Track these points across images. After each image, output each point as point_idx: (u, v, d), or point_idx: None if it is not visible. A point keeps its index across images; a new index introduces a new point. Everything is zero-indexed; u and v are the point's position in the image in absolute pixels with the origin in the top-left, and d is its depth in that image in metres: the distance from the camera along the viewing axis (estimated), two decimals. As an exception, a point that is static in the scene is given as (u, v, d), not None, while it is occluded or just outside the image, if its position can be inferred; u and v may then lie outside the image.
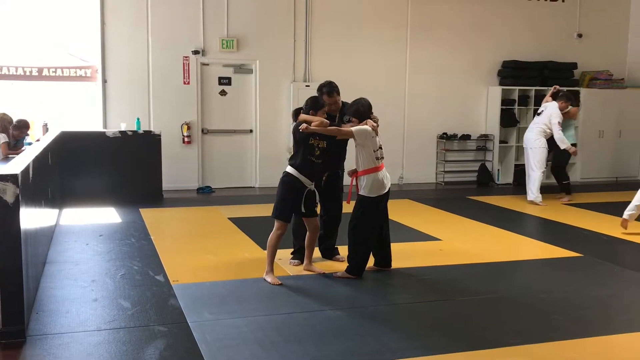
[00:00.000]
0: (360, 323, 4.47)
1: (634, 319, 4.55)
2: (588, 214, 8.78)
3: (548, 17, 12.07)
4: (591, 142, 11.75)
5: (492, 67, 11.85)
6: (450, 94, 11.67)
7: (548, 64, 11.82)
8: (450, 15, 11.46)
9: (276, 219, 5.41)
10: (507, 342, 4.10)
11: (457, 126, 11.73)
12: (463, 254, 6.46)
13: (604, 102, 11.99)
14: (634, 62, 12.65)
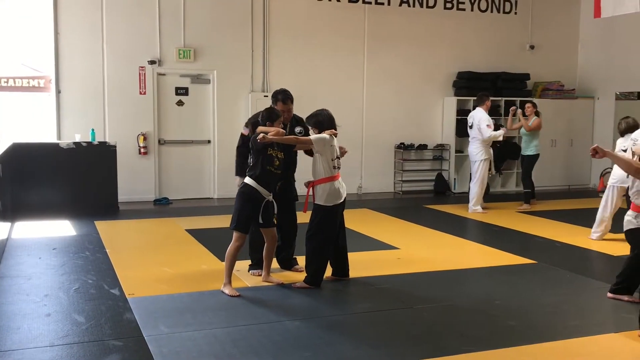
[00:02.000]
0: (319, 333, 4.47)
1: (586, 324, 4.65)
2: (542, 222, 8.97)
3: (501, 29, 12.35)
4: (544, 151, 11.96)
5: (448, 78, 12.05)
6: (407, 104, 11.82)
7: (501, 75, 12.08)
8: (407, 26, 11.63)
9: (234, 230, 5.38)
10: (463, 349, 4.15)
11: (414, 136, 11.87)
12: (421, 262, 6.52)
13: (555, 112, 12.30)
14: (584, 73, 13.03)
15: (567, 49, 13.02)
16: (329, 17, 11.14)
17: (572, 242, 7.56)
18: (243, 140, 5.90)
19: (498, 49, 12.32)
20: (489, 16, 12.26)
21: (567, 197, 11.48)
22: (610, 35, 12.23)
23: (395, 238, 7.66)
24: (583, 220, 8.08)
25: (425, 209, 10.08)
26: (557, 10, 12.80)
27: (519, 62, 12.43)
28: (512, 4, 12.43)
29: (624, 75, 11.97)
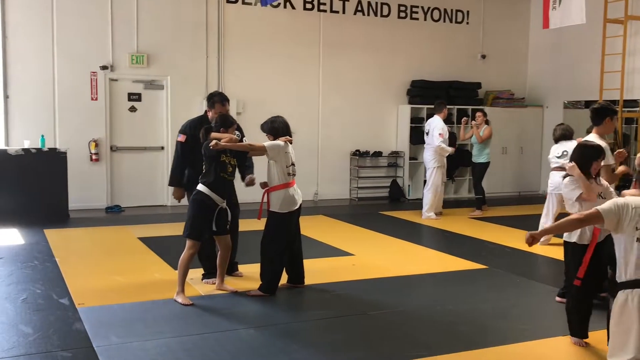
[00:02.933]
0: (273, 341, 4.46)
1: (535, 328, 4.76)
2: (493, 227, 9.15)
3: (454, 38, 12.58)
4: (495, 158, 12.21)
5: (402, 86, 12.20)
6: (363, 112, 11.92)
7: (454, 84, 12.30)
8: (361, 34, 11.74)
9: (187, 238, 5.33)
10: (415, 354, 4.20)
11: (369, 143, 11.97)
12: (375, 269, 6.58)
13: (506, 120, 12.58)
14: (533, 82, 13.37)
15: (517, 59, 13.35)
16: (284, 24, 11.16)
17: (521, 247, 7.71)
18: (182, 148, 5.83)
19: (451, 58, 12.54)
20: (442, 26, 12.48)
21: (518, 203, 11.75)
22: (558, 46, 12.58)
23: (350, 244, 7.70)
24: (532, 225, 8.19)
25: (380, 216, 10.17)
26: (508, 21, 13.12)
27: (470, 71, 12.68)
28: (464, 14, 12.68)
29: (572, 85, 12.33)
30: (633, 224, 3.68)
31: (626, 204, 3.71)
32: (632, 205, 3.69)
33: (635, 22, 10.97)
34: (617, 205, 3.67)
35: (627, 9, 10.75)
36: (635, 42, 11.05)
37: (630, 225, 3.67)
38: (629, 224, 3.67)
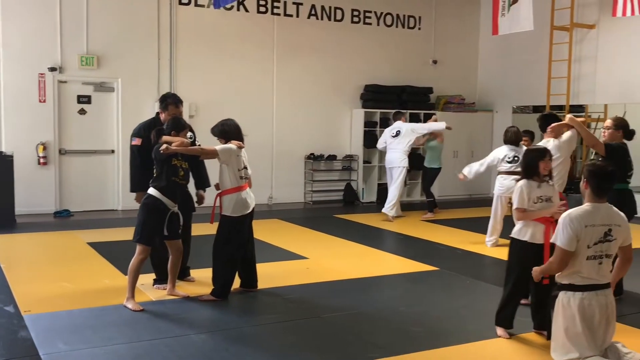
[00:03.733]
0: (226, 346, 4.42)
1: (484, 328, 4.84)
2: (444, 230, 9.29)
3: (406, 43, 12.75)
4: (447, 161, 12.41)
5: (356, 90, 12.30)
6: (317, 116, 11.96)
7: (406, 88, 12.46)
8: (316, 38, 11.78)
9: (138, 243, 5.24)
10: (369, 356, 4.23)
11: (323, 147, 12.01)
12: (329, 272, 6.59)
13: (457, 124, 12.72)
14: (483, 87, 13.65)
15: (468, 65, 13.61)
16: (237, 27, 11.12)
17: (471, 249, 7.88)
18: (139, 152, 5.76)
19: (403, 63, 12.70)
20: (394, 31, 12.63)
21: (469, 205, 11.96)
22: (507, 52, 12.88)
23: (304, 248, 7.70)
24: (482, 227, 8.41)
25: (334, 219, 10.21)
26: (459, 27, 13.37)
27: (422, 76, 12.86)
28: (416, 20, 12.86)
29: (520, 90, 12.64)
30: (585, 243, 3.84)
31: (571, 220, 3.87)
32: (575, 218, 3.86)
33: (581, 30, 11.32)
34: (571, 229, 3.84)
35: (573, 17, 11.10)
36: (580, 49, 11.41)
37: (582, 243, 3.83)
38: (582, 241, 3.83)
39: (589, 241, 3.86)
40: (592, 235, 3.87)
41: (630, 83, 10.70)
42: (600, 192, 3.96)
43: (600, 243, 3.88)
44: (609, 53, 11.05)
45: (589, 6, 11.29)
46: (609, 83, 11.05)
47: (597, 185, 3.95)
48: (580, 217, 3.88)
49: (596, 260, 3.89)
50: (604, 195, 3.98)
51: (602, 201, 3.96)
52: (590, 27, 11.24)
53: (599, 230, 3.88)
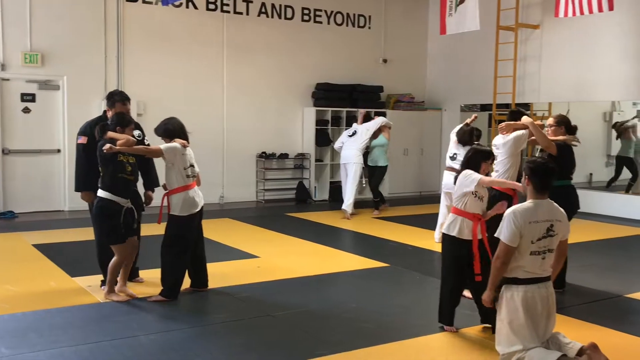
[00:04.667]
0: (175, 347, 4.38)
1: (433, 322, 4.92)
2: (395, 227, 9.41)
3: (356, 42, 12.84)
4: (397, 159, 12.60)
5: (307, 89, 12.32)
6: (268, 114, 11.94)
7: (357, 87, 12.55)
8: (265, 36, 11.75)
9: (112, 245, 5.23)
10: (318, 353, 4.25)
11: (275, 145, 12.00)
12: (281, 270, 6.60)
13: (407, 122, 12.97)
14: (432, 86, 13.86)
15: (417, 63, 13.80)
16: (186, 25, 11.00)
17: (421, 245, 8.01)
18: (84, 150, 5.65)
19: (354, 61, 12.79)
20: (345, 30, 12.71)
21: (419, 202, 12.14)
22: (455, 51, 13.11)
23: (256, 247, 7.69)
24: (432, 224, 8.55)
25: (286, 217, 10.21)
26: (408, 26, 13.54)
27: (373, 74, 12.98)
28: (366, 19, 12.97)
29: (468, 89, 12.88)
30: (529, 239, 3.95)
31: (515, 216, 3.97)
32: (519, 215, 3.96)
33: (525, 30, 11.61)
34: (514, 225, 3.93)
35: (518, 17, 11.38)
36: (525, 49, 11.70)
37: (526, 239, 3.94)
38: (526, 237, 3.94)
39: (533, 237, 3.97)
40: (535, 231, 3.98)
41: (573, 82, 11.03)
42: (541, 188, 4.08)
43: (544, 238, 4.00)
44: (552, 52, 11.37)
45: (533, 7, 11.59)
46: (553, 82, 11.37)
47: (538, 182, 4.07)
48: (523, 213, 3.99)
49: (539, 255, 4.01)
50: (546, 191, 4.10)
51: (544, 197, 4.09)
52: (535, 28, 11.54)
53: (542, 226, 4.00)
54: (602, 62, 10.62)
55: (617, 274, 6.72)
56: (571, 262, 6.36)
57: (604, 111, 12.45)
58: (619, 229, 9.38)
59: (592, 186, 11.98)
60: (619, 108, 12.35)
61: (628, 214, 10.30)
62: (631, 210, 10.32)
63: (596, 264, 7.13)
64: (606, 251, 7.94)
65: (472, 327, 4.81)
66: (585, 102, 11.22)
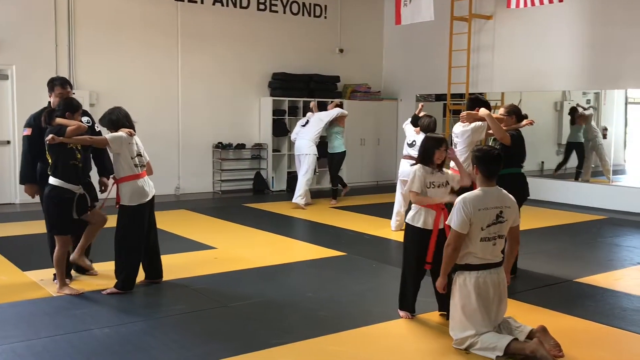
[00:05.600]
0: (130, 339, 4.34)
1: (389, 310, 4.98)
2: (352, 216, 9.48)
3: (313, 32, 12.83)
4: (354, 149, 12.67)
5: (263, 79, 12.27)
6: (224, 104, 11.85)
7: (314, 77, 12.55)
8: (221, 26, 11.64)
9: (57, 235, 5.12)
10: (274, 342, 4.27)
11: (232, 136, 11.92)
12: (238, 261, 6.58)
13: (364, 112, 13.05)
14: (388, 76, 13.96)
15: (373, 54, 13.87)
16: (140, 13, 10.81)
17: (377, 233, 8.09)
18: (29, 142, 5.52)
19: (310, 51, 12.79)
20: (301, 19, 12.68)
21: (375, 192, 12.24)
22: (410, 42, 13.22)
23: (213, 238, 7.65)
24: (388, 213, 8.65)
25: (244, 208, 10.18)
26: (363, 16, 13.59)
27: (329, 64, 13.00)
28: (322, 8, 12.96)
29: (423, 79, 13.02)
30: (479, 225, 4.03)
31: (464, 203, 4.05)
32: (469, 202, 4.04)
33: (479, 20, 11.79)
34: (464, 212, 4.00)
35: (471, 8, 11.53)
36: (478, 39, 11.88)
37: (476, 225, 4.02)
38: (476, 224, 4.02)
39: (483, 224, 4.06)
40: (485, 218, 4.07)
41: (525, 72, 11.26)
42: (489, 175, 4.17)
43: (493, 225, 4.10)
44: (505, 43, 11.58)
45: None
46: (506, 72, 11.58)
47: (486, 170, 4.16)
48: (473, 201, 4.07)
49: (490, 241, 4.11)
50: (494, 179, 4.19)
51: (492, 184, 4.18)
52: (488, 18, 11.73)
53: (492, 213, 4.09)
54: (553, 53, 10.86)
55: (566, 259, 6.92)
56: (522, 249, 6.50)
57: (555, 101, 12.74)
58: (568, 216, 9.65)
59: (544, 174, 12.27)
60: (570, 97, 12.67)
61: (577, 201, 10.60)
62: (580, 197, 10.63)
63: (546, 250, 7.33)
64: (556, 237, 8.16)
65: (429, 313, 4.89)
66: (537, 91, 11.47)
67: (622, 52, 9.95)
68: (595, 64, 10.36)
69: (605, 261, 6.85)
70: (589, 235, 8.26)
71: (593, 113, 11.94)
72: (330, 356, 4.11)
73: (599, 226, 8.92)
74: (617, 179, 11.34)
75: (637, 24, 9.77)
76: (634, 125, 12.74)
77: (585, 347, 4.27)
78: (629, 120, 12.46)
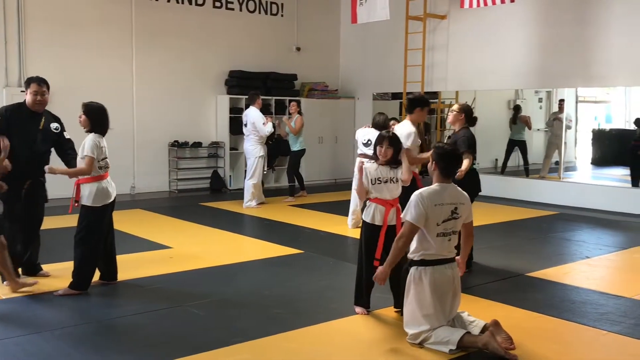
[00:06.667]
0: (84, 341, 4.26)
1: (345, 306, 5.02)
2: (310, 214, 9.50)
3: (269, 30, 12.80)
4: (313, 147, 12.69)
5: (220, 76, 12.18)
6: (180, 102, 11.73)
7: (270, 75, 12.53)
8: (176, 23, 11.52)
9: None
10: (230, 341, 4.25)
11: (188, 134, 11.81)
12: (194, 260, 6.53)
13: (322, 110, 13.09)
14: (345, 75, 14.03)
15: (330, 52, 13.92)
16: (93, 10, 10.61)
17: (335, 231, 8.13)
18: None
19: (267, 49, 12.75)
20: (258, 17, 12.63)
21: (333, 189, 12.30)
22: (367, 41, 13.32)
23: (168, 237, 7.57)
24: (345, 210, 8.70)
25: (201, 207, 10.10)
26: (320, 15, 13.62)
27: (287, 62, 12.99)
28: (279, 6, 12.94)
29: (379, 77, 13.13)
30: (435, 221, 4.09)
31: (422, 198, 4.10)
32: (426, 197, 4.10)
33: (433, 20, 11.94)
34: (422, 206, 4.04)
35: (426, 7, 11.67)
36: (433, 38, 12.04)
37: (432, 221, 4.07)
38: (432, 219, 4.07)
39: (438, 219, 4.13)
40: (441, 214, 4.14)
41: (478, 71, 11.46)
42: (447, 173, 4.24)
43: (449, 220, 4.17)
44: (459, 42, 11.76)
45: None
46: (460, 71, 11.77)
47: (444, 167, 4.23)
48: (430, 195, 4.13)
49: (445, 237, 4.18)
50: (450, 176, 4.27)
51: (448, 181, 4.25)
52: (442, 18, 11.89)
53: (447, 209, 4.16)
54: (506, 52, 11.08)
55: (519, 254, 7.07)
56: (477, 244, 6.64)
57: (508, 99, 13.03)
58: (521, 212, 9.86)
59: (497, 171, 12.52)
60: (522, 96, 12.96)
61: (530, 197, 10.84)
62: (532, 194, 10.88)
63: (500, 245, 7.48)
64: (509, 233, 8.34)
65: (385, 308, 4.94)
66: (491, 90, 11.69)
67: (572, 52, 10.22)
68: (546, 63, 10.61)
69: (556, 255, 7.03)
70: (541, 231, 8.46)
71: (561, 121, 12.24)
72: (286, 353, 4.12)
73: (550, 221, 9.15)
74: (568, 176, 11.65)
75: (587, 24, 10.05)
76: (584, 123, 13.13)
77: (536, 339, 4.37)
78: (579, 119, 12.84)
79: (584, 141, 13.21)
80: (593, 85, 10.63)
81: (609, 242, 7.91)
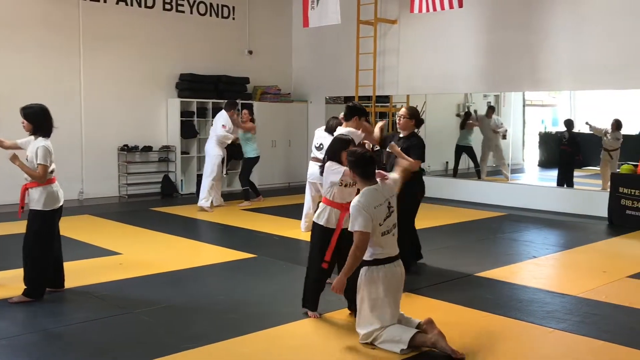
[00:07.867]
0: (28, 351, 4.15)
1: (297, 309, 5.02)
2: (263, 217, 9.47)
3: (221, 33, 12.71)
4: (266, 151, 12.63)
5: (170, 80, 12.04)
6: (130, 106, 11.53)
7: (222, 78, 12.44)
8: (125, 26, 11.33)
9: None
10: (182, 347, 4.20)
11: (138, 138, 11.62)
12: (144, 266, 6.43)
13: (274, 114, 13.06)
14: (298, 78, 14.04)
15: (283, 56, 13.91)
16: (39, 12, 10.34)
17: (288, 234, 8.13)
18: None
19: (218, 52, 12.66)
20: (209, 20, 12.54)
21: (287, 193, 12.29)
22: (319, 44, 13.36)
23: (118, 243, 7.43)
24: (298, 214, 8.70)
25: (151, 212, 9.95)
26: (272, 18, 13.60)
27: (239, 66, 12.93)
28: (230, 9, 12.87)
29: (332, 81, 13.19)
30: (378, 221, 4.13)
31: (362, 205, 4.12)
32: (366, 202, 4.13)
33: (384, 24, 12.07)
34: (365, 212, 4.07)
35: (377, 12, 11.79)
36: (384, 43, 12.16)
37: (375, 222, 4.11)
38: (375, 220, 4.11)
39: (380, 219, 4.18)
40: (381, 214, 4.19)
41: (428, 75, 11.63)
42: (368, 175, 4.28)
43: (388, 217, 4.23)
44: (409, 47, 11.91)
45: (390, 2, 12.06)
46: (410, 75, 11.92)
47: (363, 172, 4.27)
48: (368, 200, 4.16)
49: (389, 233, 4.25)
50: (372, 177, 4.29)
51: (373, 182, 4.28)
52: (393, 22, 12.03)
53: (384, 207, 4.23)
54: (455, 56, 11.28)
55: (468, 254, 7.20)
56: (426, 245, 6.77)
57: (458, 103, 13.25)
58: (470, 213, 10.05)
59: (447, 173, 12.73)
60: (471, 100, 13.21)
61: (478, 199, 11.04)
62: (481, 195, 11.09)
63: (449, 246, 7.61)
64: (458, 234, 8.48)
65: (336, 311, 4.96)
66: (441, 94, 11.88)
67: (519, 56, 10.48)
68: (494, 67, 10.85)
69: (504, 255, 7.19)
70: (489, 231, 8.64)
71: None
72: (239, 358, 4.10)
73: (499, 222, 9.35)
74: (516, 177, 11.93)
75: (533, 29, 10.32)
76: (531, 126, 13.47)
77: (484, 338, 4.46)
78: (526, 121, 13.18)
79: (531, 144, 13.54)
80: (539, 89, 10.92)
81: (555, 241, 8.14)
